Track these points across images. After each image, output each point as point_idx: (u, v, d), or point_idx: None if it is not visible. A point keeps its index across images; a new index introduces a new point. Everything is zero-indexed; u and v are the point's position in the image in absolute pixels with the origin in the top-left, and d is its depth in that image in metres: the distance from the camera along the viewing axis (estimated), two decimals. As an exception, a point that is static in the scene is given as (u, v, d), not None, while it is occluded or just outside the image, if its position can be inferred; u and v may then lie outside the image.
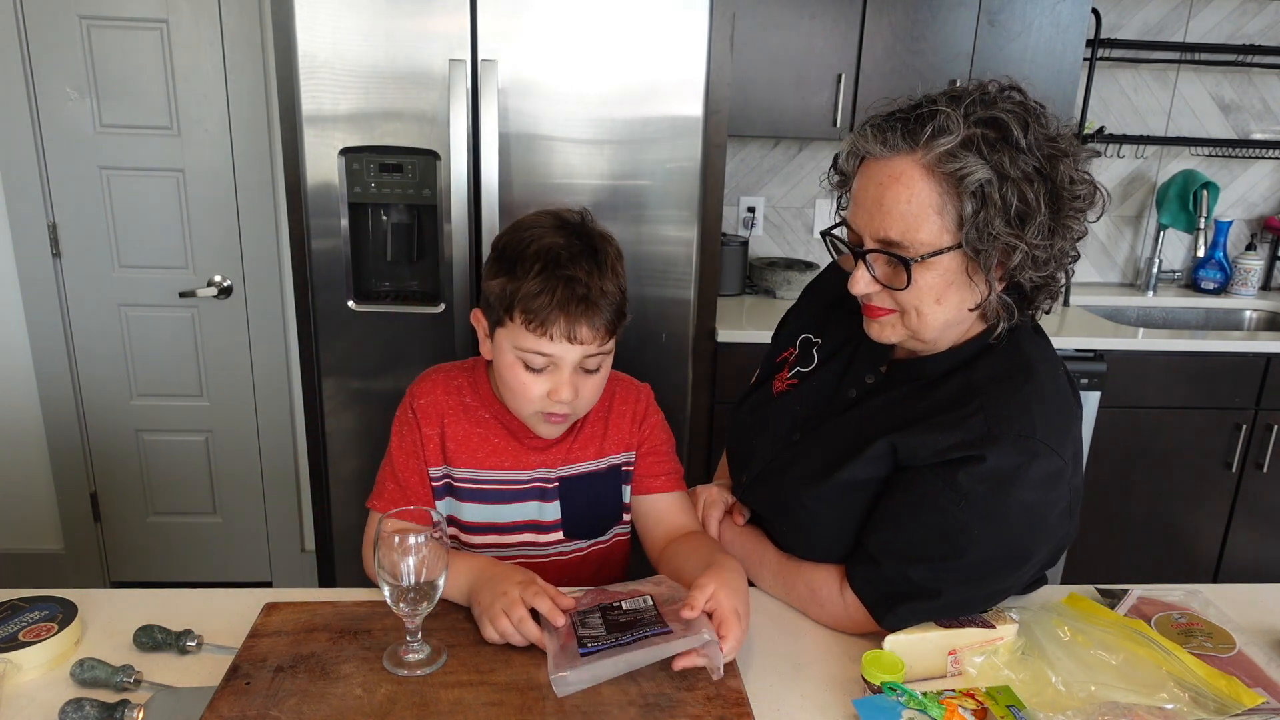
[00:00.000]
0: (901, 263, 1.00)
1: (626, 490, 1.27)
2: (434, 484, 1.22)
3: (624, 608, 1.03)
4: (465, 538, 1.25)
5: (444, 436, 1.21)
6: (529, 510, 1.23)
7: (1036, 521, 1.02)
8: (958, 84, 1.07)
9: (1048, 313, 1.10)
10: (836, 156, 1.10)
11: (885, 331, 1.08)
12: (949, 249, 0.99)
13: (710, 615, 0.98)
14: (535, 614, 1.02)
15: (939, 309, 1.03)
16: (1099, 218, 1.04)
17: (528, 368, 1.11)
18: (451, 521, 1.25)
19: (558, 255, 1.08)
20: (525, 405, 1.14)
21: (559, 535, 1.25)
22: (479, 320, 1.18)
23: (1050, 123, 0.99)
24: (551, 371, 1.11)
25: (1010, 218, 0.96)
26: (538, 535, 1.24)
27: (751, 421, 1.28)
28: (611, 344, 1.14)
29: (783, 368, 1.29)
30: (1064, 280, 1.06)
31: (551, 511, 1.24)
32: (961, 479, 1.00)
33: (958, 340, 1.09)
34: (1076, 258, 1.04)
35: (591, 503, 1.24)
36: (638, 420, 1.26)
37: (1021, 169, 0.96)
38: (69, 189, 2.45)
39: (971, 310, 1.04)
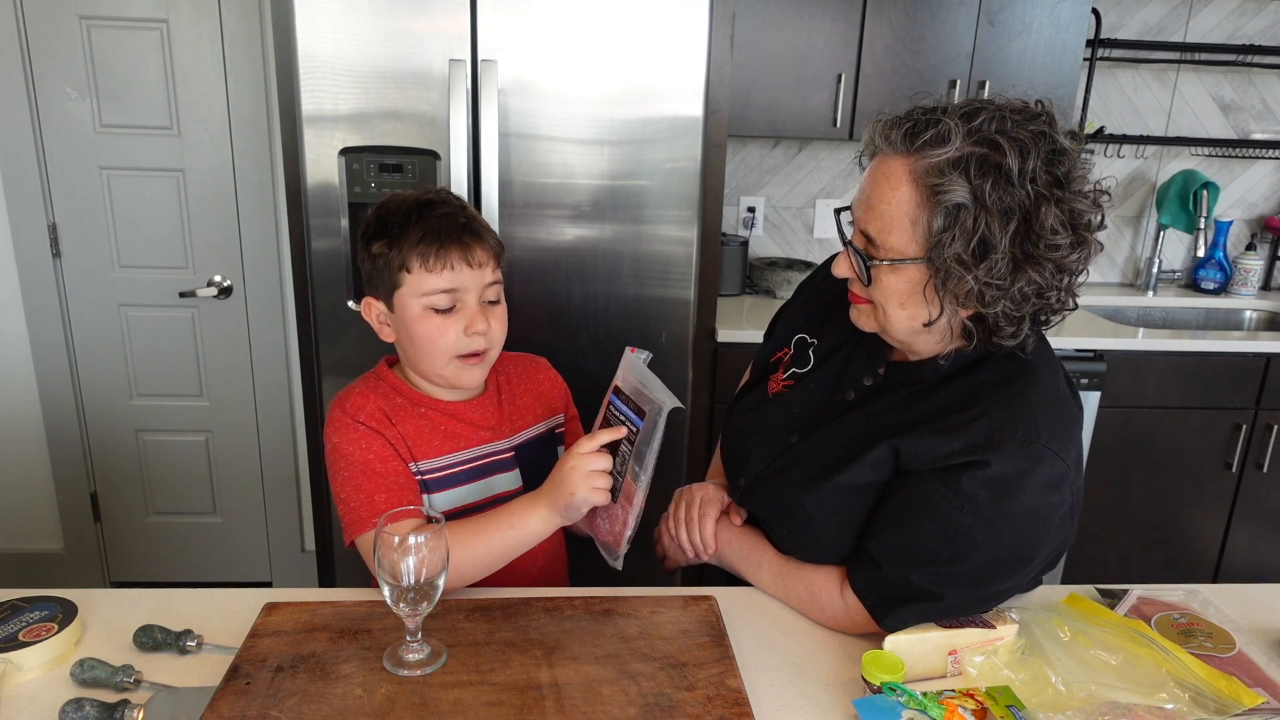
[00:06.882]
0: (864, 261, 1.03)
1: (561, 450, 1.32)
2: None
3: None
4: None
5: (403, 436, 1.21)
6: (495, 484, 1.26)
7: (1039, 525, 1.02)
8: (1004, 97, 0.99)
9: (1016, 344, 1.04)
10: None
11: (861, 319, 1.11)
12: (912, 260, 1.00)
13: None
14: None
15: (902, 313, 1.04)
16: (1083, 270, 0.99)
17: (436, 312, 1.15)
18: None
19: (425, 203, 1.17)
20: (442, 352, 1.17)
21: None
22: (370, 308, 1.21)
23: (1065, 163, 0.95)
24: (460, 310, 1.16)
25: (971, 246, 0.95)
26: None
27: (747, 423, 1.28)
28: (500, 275, 1.20)
29: (777, 368, 1.29)
30: (1030, 323, 1.01)
31: (514, 480, 1.27)
32: (965, 484, 1.00)
33: (938, 351, 1.09)
34: (1048, 302, 1.00)
35: (548, 466, 1.24)
36: (558, 387, 1.37)
37: (1002, 201, 0.94)
38: (69, 189, 2.45)
39: (925, 325, 1.04)
